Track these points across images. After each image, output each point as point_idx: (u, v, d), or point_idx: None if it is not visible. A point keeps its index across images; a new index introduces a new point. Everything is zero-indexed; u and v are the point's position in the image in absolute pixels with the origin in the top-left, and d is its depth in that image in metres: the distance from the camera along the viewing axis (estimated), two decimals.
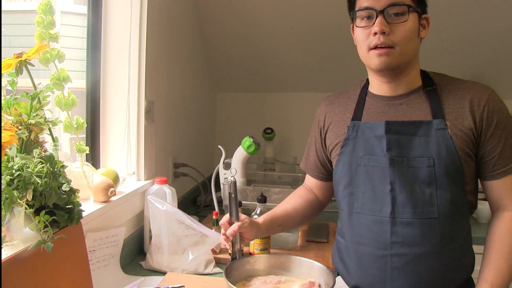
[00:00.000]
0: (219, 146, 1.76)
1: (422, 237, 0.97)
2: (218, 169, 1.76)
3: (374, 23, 0.99)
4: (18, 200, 0.80)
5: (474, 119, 0.99)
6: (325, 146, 1.19)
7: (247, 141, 1.70)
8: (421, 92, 1.05)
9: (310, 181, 1.29)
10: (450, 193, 0.99)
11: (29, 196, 0.82)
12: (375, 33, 0.99)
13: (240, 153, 1.72)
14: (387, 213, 1.00)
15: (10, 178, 0.81)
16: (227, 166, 1.76)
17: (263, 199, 1.45)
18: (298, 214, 1.22)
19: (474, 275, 1.06)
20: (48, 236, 0.83)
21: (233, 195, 1.09)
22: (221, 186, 1.72)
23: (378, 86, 1.10)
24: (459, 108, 1.01)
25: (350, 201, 1.08)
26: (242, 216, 1.10)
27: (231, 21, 2.17)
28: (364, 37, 1.02)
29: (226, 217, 1.10)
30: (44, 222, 0.83)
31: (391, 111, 1.06)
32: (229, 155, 1.76)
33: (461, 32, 2.04)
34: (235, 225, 1.07)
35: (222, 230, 1.10)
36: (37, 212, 0.84)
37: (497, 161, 1.01)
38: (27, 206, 0.82)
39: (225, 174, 1.74)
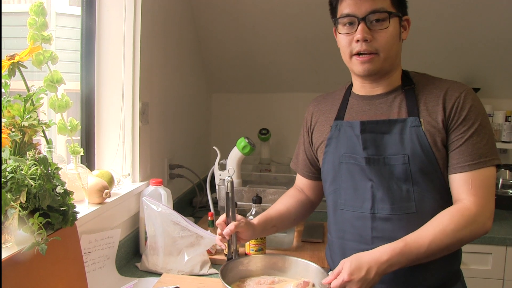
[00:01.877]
0: (214, 147, 1.76)
1: (401, 231, 0.97)
2: (213, 170, 1.76)
3: (356, 30, 1.00)
4: (12, 202, 0.80)
5: (444, 111, 1.00)
6: (312, 145, 1.21)
7: (242, 142, 1.70)
8: (400, 91, 1.06)
9: (301, 181, 1.30)
10: (427, 189, 1.00)
11: (23, 199, 0.82)
12: (358, 40, 1.00)
13: (235, 154, 1.73)
14: (367, 209, 1.03)
15: (3, 181, 0.80)
16: (223, 167, 1.76)
17: (258, 200, 1.45)
18: (291, 214, 1.22)
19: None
20: (42, 238, 0.83)
21: (230, 195, 1.09)
22: (217, 187, 1.72)
23: (360, 87, 1.12)
24: (433, 106, 1.01)
25: (334, 198, 1.11)
26: (238, 217, 1.11)
27: (225, 23, 2.17)
28: (347, 43, 1.03)
29: (223, 217, 1.10)
30: (38, 224, 0.83)
31: (371, 110, 1.08)
32: (224, 156, 1.76)
33: (453, 34, 2.05)
34: (232, 225, 1.07)
35: (219, 230, 1.10)
36: (31, 214, 0.84)
37: (457, 155, 0.99)
38: (20, 209, 0.82)
39: (220, 175, 1.74)
